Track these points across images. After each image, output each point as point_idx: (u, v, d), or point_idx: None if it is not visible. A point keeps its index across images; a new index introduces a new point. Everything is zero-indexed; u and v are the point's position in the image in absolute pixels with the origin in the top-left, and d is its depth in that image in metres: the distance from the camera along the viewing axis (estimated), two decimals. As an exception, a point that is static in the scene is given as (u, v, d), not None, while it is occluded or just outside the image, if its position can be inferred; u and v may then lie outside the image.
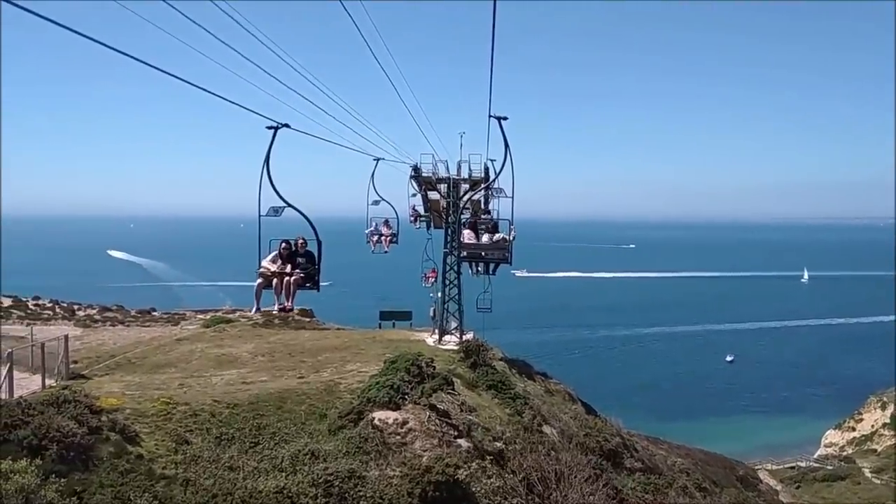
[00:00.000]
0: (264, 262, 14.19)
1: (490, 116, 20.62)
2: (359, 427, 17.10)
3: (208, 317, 32.94)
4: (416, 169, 27.53)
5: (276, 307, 14.70)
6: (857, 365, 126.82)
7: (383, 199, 26.96)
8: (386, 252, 27.84)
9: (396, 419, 17.42)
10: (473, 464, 16.36)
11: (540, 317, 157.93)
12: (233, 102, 9.84)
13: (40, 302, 36.05)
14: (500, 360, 27.17)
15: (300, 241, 14.37)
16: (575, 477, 17.38)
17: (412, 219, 30.71)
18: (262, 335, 27.70)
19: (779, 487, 48.81)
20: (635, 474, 23.52)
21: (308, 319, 33.71)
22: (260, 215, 14.12)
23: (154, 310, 37.00)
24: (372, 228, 27.84)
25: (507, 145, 21.24)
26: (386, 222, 27.88)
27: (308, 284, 14.27)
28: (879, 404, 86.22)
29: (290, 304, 14.38)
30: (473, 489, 15.44)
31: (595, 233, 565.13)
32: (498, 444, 18.34)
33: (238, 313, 33.84)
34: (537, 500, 16.20)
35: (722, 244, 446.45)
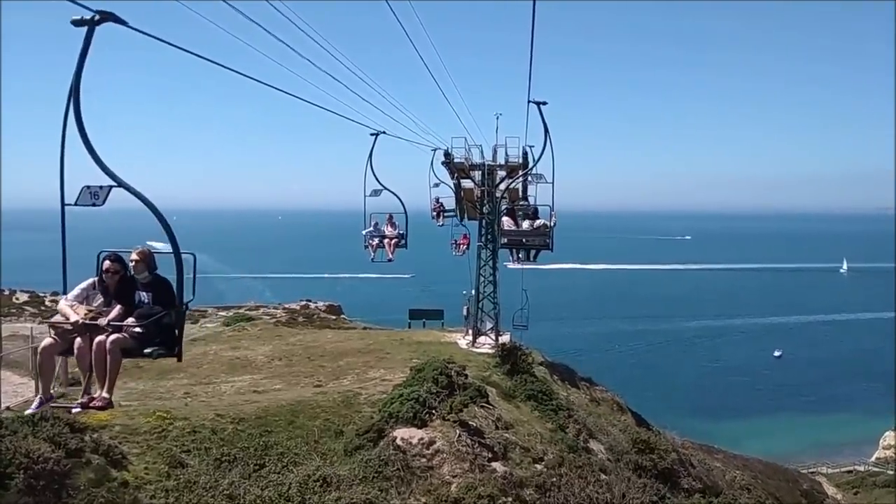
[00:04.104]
0: (62, 304, 8.41)
1: (529, 101, 20.28)
2: (379, 447, 14.85)
3: (230, 314, 31.17)
4: (447, 154, 25.03)
5: (76, 403, 9.55)
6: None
7: (385, 189, 21.81)
8: (390, 260, 23.08)
9: (422, 438, 15.14)
10: (510, 497, 13.96)
11: (572, 310, 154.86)
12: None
13: (58, 298, 34.65)
14: (541, 364, 24.70)
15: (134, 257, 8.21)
16: (629, 509, 14.88)
17: (434, 214, 27.79)
18: (282, 335, 25.76)
19: (839, 496, 45.31)
20: (694, 496, 20.98)
21: (334, 317, 31.69)
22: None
23: (175, 306, 35.30)
24: (371, 228, 22.98)
25: (546, 130, 21.04)
26: (390, 220, 23.03)
27: (151, 351, 8.16)
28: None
29: (104, 395, 8.59)
30: (510, 528, 13.07)
31: (640, 224, 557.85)
32: (538, 467, 15.93)
33: (262, 310, 32.00)
34: (585, 539, 13.76)
35: (761, 235, 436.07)
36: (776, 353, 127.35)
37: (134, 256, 8.32)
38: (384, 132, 14.23)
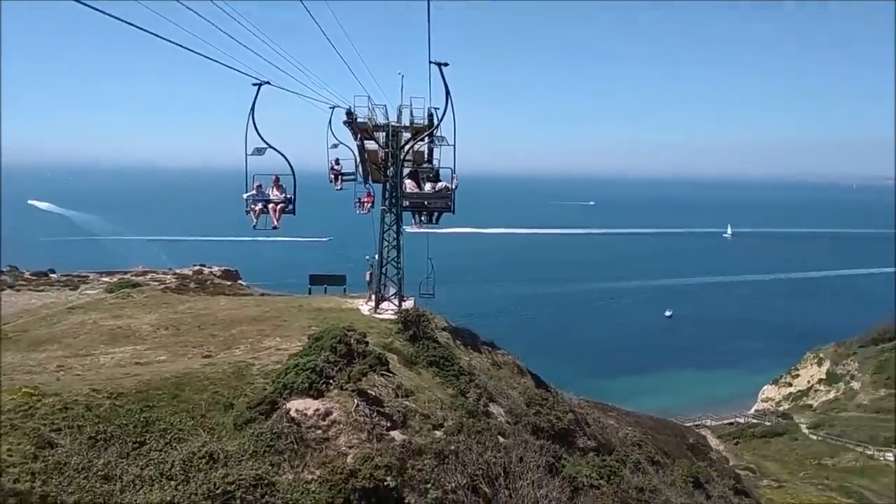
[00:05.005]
0: None
1: (430, 62, 19.96)
2: (271, 420, 14.15)
3: (115, 280, 29.09)
4: (349, 114, 23.95)
5: None
6: (793, 320, 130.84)
7: (270, 147, 19.19)
8: (275, 227, 20.47)
9: (318, 410, 14.56)
10: (408, 466, 13.68)
11: (476, 274, 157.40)
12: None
13: None
14: (444, 329, 24.51)
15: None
16: (526, 472, 14.96)
17: (332, 176, 26.59)
18: (170, 303, 24.21)
19: (721, 447, 48.56)
20: (588, 454, 21.60)
21: (229, 283, 30.18)
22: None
23: (53, 271, 32.68)
24: (253, 192, 20.31)
25: (447, 92, 20.88)
26: (276, 182, 20.53)
27: None
28: (816, 360, 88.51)
29: None
30: (407, 499, 12.80)
31: (546, 189, 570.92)
32: (438, 434, 15.74)
33: (150, 275, 30.05)
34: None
35: (657, 201, 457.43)
36: (667, 314, 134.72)
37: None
38: (268, 82, 12.95)
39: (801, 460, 56.96)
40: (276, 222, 20.42)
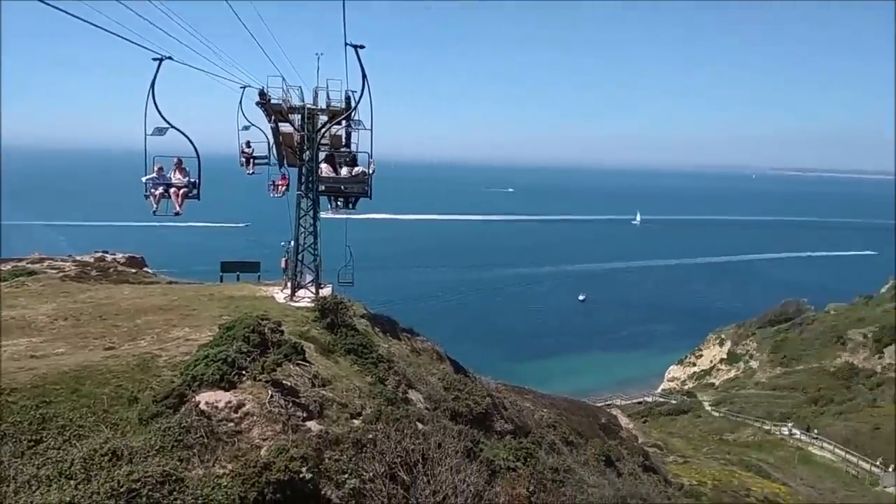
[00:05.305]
0: None
1: (346, 44, 19.82)
2: (179, 414, 13.54)
3: (8, 268, 27.13)
4: (262, 94, 23.06)
5: None
6: (698, 303, 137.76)
7: (172, 126, 18.08)
8: (178, 213, 19.23)
9: (229, 402, 14.04)
10: (325, 456, 13.43)
11: (395, 260, 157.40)
12: None
13: None
14: (363, 316, 24.18)
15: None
16: (444, 458, 14.98)
17: (243, 160, 25.66)
18: (69, 292, 22.73)
19: (631, 426, 50.49)
20: (506, 437, 21.96)
21: (134, 270, 28.68)
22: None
23: (-65, 259, 30.11)
24: (153, 175, 18.90)
25: (364, 75, 20.77)
26: (178, 165, 19.24)
27: None
28: (717, 341, 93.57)
29: None
30: (325, 490, 12.56)
31: (466, 176, 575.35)
32: (356, 423, 15.54)
33: (47, 262, 28.18)
34: (401, 492, 13.62)
35: (573, 188, 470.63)
36: (581, 298, 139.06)
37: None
38: (170, 58, 12.25)
39: (704, 436, 60.16)
40: (178, 208, 19.28)
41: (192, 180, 19.41)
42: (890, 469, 48.97)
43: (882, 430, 54.07)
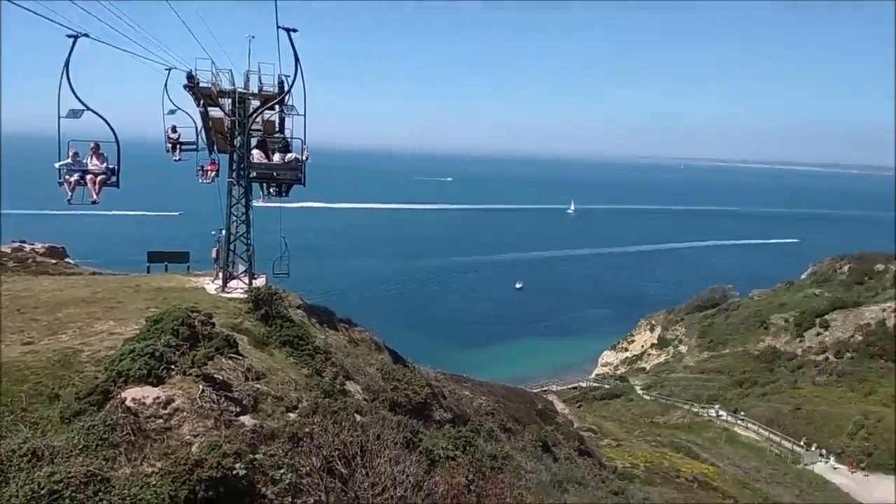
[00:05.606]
0: None
1: (278, 27, 19.51)
2: (104, 411, 12.90)
3: (-87, 259, 25.32)
4: (190, 77, 22.15)
5: None
6: (630, 290, 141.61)
7: (88, 109, 16.65)
8: (95, 202, 17.95)
9: (158, 398, 13.48)
10: (259, 451, 13.06)
11: (332, 250, 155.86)
12: None
13: None
14: (299, 307, 23.67)
15: None
16: (383, 449, 14.81)
17: (169, 146, 24.66)
18: (-18, 285, 21.39)
19: (566, 411, 51.51)
20: (445, 426, 21.97)
21: (54, 261, 27.21)
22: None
23: None
24: (68, 161, 17.63)
25: (297, 59, 20.42)
26: (96, 150, 18.01)
27: None
28: (648, 326, 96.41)
29: None
30: (260, 486, 12.21)
31: (405, 165, 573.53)
32: (292, 416, 15.19)
33: (-42, 254, 26.43)
34: (339, 485, 13.37)
35: (509, 177, 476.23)
36: (518, 286, 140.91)
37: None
38: (86, 35, 11.54)
39: (636, 419, 61.94)
40: (95, 196, 18.01)
41: (111, 167, 18.21)
42: (813, 448, 51.65)
43: (802, 410, 56.87)
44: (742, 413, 59.84)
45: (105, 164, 18.13)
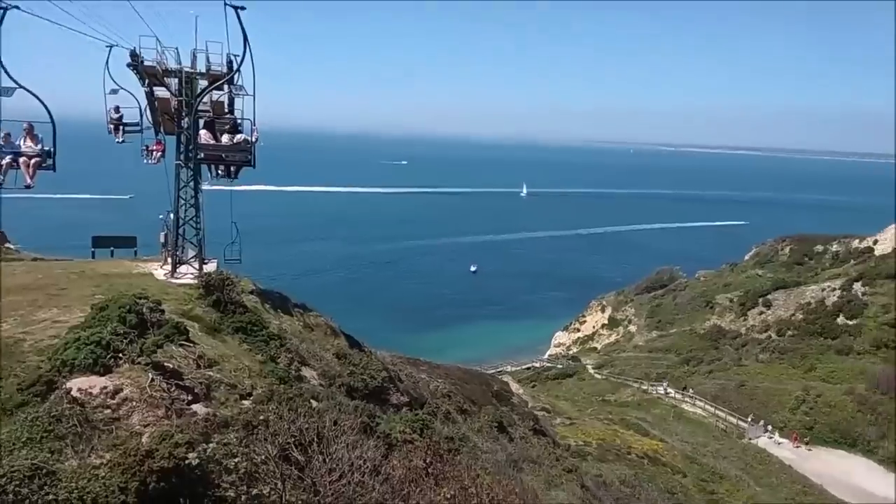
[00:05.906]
0: None
1: (226, 4, 19.13)
2: (49, 402, 12.47)
3: None
4: (134, 55, 21.33)
5: None
6: (582, 271, 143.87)
7: (20, 86, 15.60)
8: (29, 186, 17.21)
9: (105, 387, 13.09)
10: (213, 440, 12.81)
11: (285, 234, 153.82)
12: None
13: None
14: (252, 292, 23.23)
15: None
16: (340, 435, 14.70)
17: (112, 127, 23.84)
18: (-86, 273, 20.32)
19: (521, 391, 52.21)
20: (402, 410, 21.95)
21: (-8, 247, 26.04)
22: None
23: None
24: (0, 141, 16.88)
25: (245, 38, 20.04)
26: (29, 131, 17.23)
27: None
28: (600, 307, 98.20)
29: None
30: (214, 476, 11.98)
31: (360, 147, 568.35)
32: (246, 404, 14.95)
33: None
34: (296, 473, 13.23)
35: (462, 160, 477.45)
36: (472, 269, 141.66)
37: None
38: (16, 7, 10.85)
39: (588, 398, 63.12)
40: (28, 180, 17.21)
41: (47, 149, 17.39)
42: (760, 423, 53.50)
43: (746, 386, 58.79)
44: (689, 390, 61.49)
45: (40, 146, 17.34)
